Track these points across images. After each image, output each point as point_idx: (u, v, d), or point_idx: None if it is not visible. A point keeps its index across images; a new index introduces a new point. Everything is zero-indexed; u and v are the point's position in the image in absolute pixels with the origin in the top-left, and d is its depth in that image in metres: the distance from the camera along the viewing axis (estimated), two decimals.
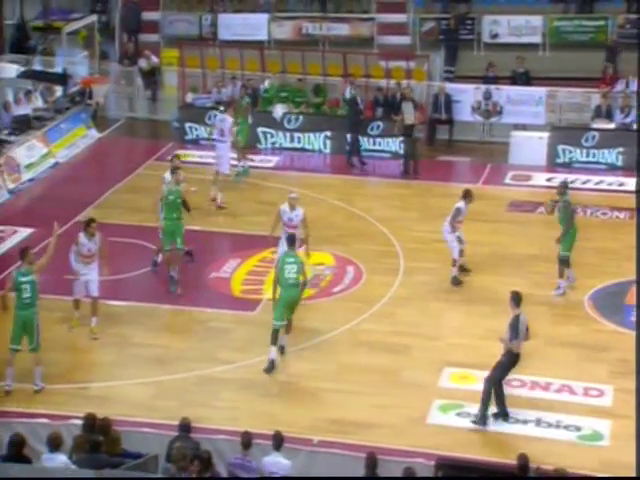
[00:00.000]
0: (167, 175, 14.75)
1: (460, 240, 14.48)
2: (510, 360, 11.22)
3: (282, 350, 12.62)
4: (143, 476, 8.77)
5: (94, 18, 23.23)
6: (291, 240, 12.87)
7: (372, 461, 9.51)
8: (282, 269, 12.46)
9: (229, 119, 17.54)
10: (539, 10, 22.74)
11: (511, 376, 11.84)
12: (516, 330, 11.10)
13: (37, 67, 21.19)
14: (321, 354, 12.84)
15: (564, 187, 14.38)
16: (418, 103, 19.43)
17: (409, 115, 18.80)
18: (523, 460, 9.36)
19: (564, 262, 14.06)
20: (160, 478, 9.07)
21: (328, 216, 16.97)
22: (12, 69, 16.66)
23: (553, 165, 19.40)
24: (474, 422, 11.15)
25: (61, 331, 13.31)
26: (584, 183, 18.62)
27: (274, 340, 12.32)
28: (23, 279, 11.85)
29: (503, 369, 11.23)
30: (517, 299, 11.36)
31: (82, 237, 13.03)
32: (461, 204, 14.45)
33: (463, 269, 14.65)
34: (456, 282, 14.39)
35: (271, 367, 12.31)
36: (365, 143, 19.80)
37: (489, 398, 11.18)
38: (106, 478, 8.47)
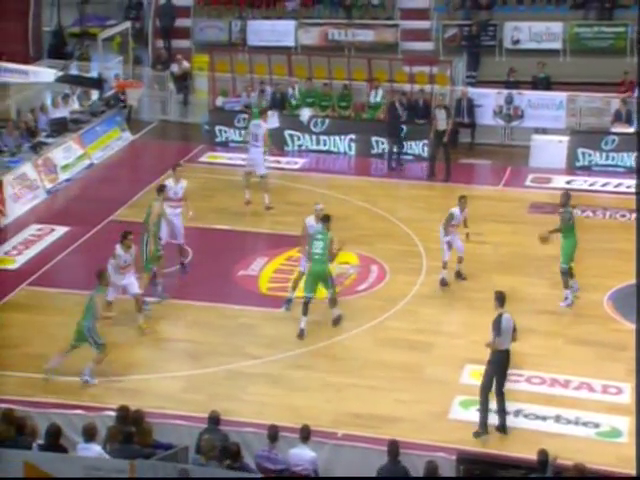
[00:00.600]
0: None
1: (450, 245, 14.20)
2: (497, 359, 10.86)
3: (338, 320, 13.22)
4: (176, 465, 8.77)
5: (128, 25, 23.37)
6: (326, 219, 13.41)
7: (394, 448, 9.53)
8: (310, 244, 13.19)
9: (263, 124, 17.45)
10: (559, 17, 22.57)
11: (532, 373, 11.80)
12: (498, 328, 10.89)
13: (74, 72, 21.33)
14: (346, 351, 12.84)
15: (567, 198, 13.95)
16: (450, 109, 19.37)
17: (442, 121, 18.83)
18: (543, 455, 9.28)
19: (565, 274, 13.75)
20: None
21: (353, 217, 16.95)
22: (50, 74, 16.77)
23: (573, 168, 19.28)
24: (476, 434, 10.88)
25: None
26: (603, 186, 18.50)
27: (304, 311, 13.03)
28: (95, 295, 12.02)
29: (492, 372, 10.88)
30: (501, 298, 11.14)
31: (119, 249, 12.98)
32: (455, 209, 14.30)
33: (459, 275, 14.46)
34: (444, 283, 14.24)
35: (301, 334, 12.97)
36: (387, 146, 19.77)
37: (485, 405, 10.90)
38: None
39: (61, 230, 16.49)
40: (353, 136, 20.15)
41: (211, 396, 11.64)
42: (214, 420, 10.08)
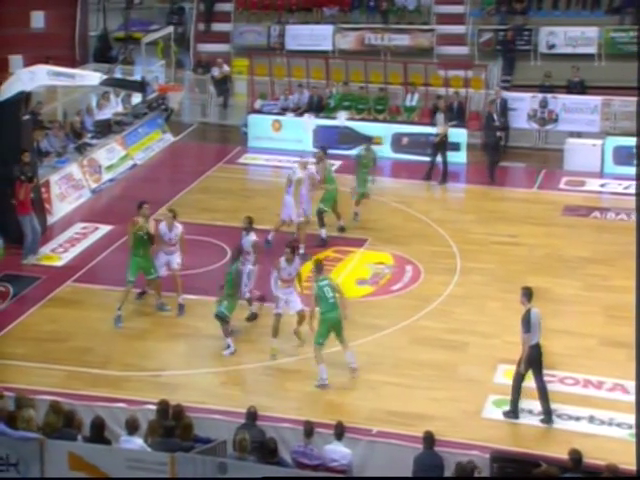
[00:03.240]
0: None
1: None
2: (528, 354, 10.94)
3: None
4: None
5: (171, 29, 23.56)
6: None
7: (430, 438, 9.55)
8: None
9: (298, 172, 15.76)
10: (595, 22, 22.37)
11: (565, 374, 11.67)
12: (527, 324, 10.88)
13: (118, 75, 21.53)
14: (381, 349, 12.80)
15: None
16: (449, 114, 19.15)
17: (440, 126, 18.68)
18: (575, 454, 9.16)
19: (223, 319, 12.67)
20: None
21: (388, 218, 16.90)
22: (95, 77, 16.92)
23: (606, 171, 19.05)
24: (505, 413, 11.07)
25: (137, 322, 13.50)
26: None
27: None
28: (322, 283, 11.96)
29: (524, 364, 11.01)
30: (528, 294, 11.14)
31: (282, 262, 12.70)
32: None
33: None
34: (253, 317, 13.43)
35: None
36: None
37: (517, 393, 11.12)
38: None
39: (105, 229, 16.64)
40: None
41: (248, 392, 11.68)
42: (252, 416, 10.09)
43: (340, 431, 9.96)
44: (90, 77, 16.91)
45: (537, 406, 11.28)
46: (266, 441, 9.36)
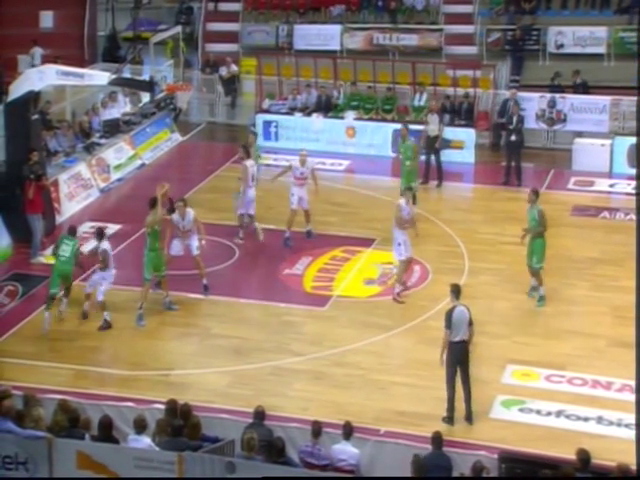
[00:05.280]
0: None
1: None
2: (452, 351, 10.94)
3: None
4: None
5: (179, 29, 23.61)
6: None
7: (438, 438, 9.54)
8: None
9: (254, 164, 16.46)
10: (603, 21, 22.32)
11: (573, 374, 11.63)
12: (449, 321, 10.93)
13: (126, 75, 21.56)
14: (389, 349, 12.81)
15: None
16: (442, 115, 19.06)
17: (434, 127, 18.60)
18: (584, 454, 9.14)
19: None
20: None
21: None
22: (104, 77, 16.96)
23: (615, 171, 18.98)
24: (443, 419, 10.97)
25: (146, 321, 13.50)
26: None
27: None
28: None
29: (451, 364, 11.00)
30: (456, 292, 11.19)
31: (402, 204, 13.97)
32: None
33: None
34: (85, 316, 13.24)
35: None
36: None
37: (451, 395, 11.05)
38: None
39: (113, 228, 16.67)
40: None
41: (256, 391, 11.67)
42: (260, 415, 10.09)
43: (348, 431, 9.95)
44: (99, 77, 16.95)
45: (545, 406, 11.26)
46: (274, 440, 9.37)
